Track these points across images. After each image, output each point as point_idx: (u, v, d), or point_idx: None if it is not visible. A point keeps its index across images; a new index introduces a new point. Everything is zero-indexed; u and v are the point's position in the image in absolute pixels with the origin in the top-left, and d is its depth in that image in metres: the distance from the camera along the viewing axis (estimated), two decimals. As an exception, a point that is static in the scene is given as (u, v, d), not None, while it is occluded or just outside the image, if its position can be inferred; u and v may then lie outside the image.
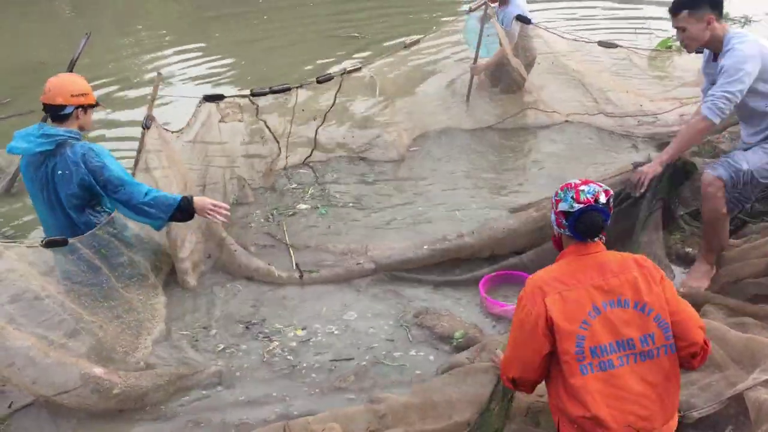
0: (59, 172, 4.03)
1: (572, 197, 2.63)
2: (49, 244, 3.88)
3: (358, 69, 5.89)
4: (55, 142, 4.00)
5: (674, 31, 4.03)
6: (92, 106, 4.17)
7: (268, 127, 5.59)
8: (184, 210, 4.11)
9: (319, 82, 5.55)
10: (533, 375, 2.61)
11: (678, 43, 8.26)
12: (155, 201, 4.06)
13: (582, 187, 2.65)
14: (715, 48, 3.86)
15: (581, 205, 2.61)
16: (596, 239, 2.67)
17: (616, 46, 6.62)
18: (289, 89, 5.43)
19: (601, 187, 2.67)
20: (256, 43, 10.35)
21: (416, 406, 3.34)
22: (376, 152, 6.46)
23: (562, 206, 2.66)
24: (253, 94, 5.28)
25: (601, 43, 6.59)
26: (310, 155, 6.23)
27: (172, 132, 4.84)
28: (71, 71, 6.00)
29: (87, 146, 4.08)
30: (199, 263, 4.82)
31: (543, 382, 2.69)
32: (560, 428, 2.62)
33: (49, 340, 3.74)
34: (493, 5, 6.91)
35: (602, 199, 2.63)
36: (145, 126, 4.54)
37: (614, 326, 2.50)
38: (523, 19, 6.71)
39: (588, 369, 2.47)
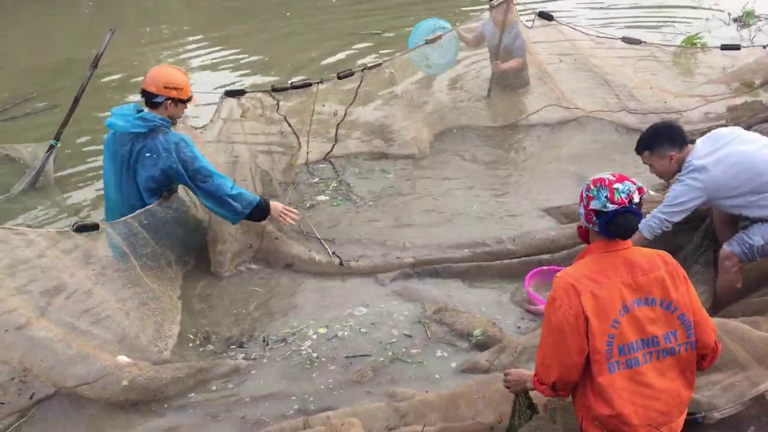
0: (147, 154, 4.31)
1: (606, 197, 2.52)
2: (80, 229, 3.98)
3: (379, 65, 5.90)
4: (148, 127, 4.30)
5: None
6: (183, 100, 4.45)
7: (288, 122, 5.61)
8: (262, 209, 4.49)
9: (339, 78, 5.58)
10: (575, 376, 2.54)
11: (704, 40, 8.24)
12: (240, 195, 4.44)
13: (616, 185, 2.53)
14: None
15: (616, 206, 2.51)
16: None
17: (639, 42, 6.52)
18: (309, 85, 5.47)
19: (635, 184, 2.56)
20: (278, 40, 10.37)
21: (438, 406, 3.33)
22: (396, 148, 6.44)
23: (595, 204, 2.55)
24: (274, 90, 5.32)
25: (624, 39, 6.50)
26: (331, 151, 6.25)
27: (196, 128, 4.89)
28: (96, 67, 6.11)
29: (179, 136, 4.41)
30: (240, 253, 4.85)
31: None
32: (583, 425, 2.60)
33: (74, 326, 3.80)
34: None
35: (636, 198, 2.54)
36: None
37: (641, 324, 2.48)
38: (545, 16, 6.64)
39: (615, 367, 2.46)
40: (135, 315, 4.02)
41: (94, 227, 4.04)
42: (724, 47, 6.42)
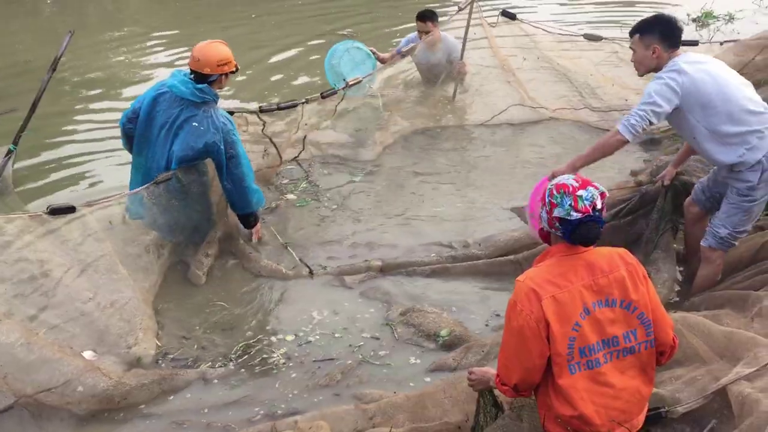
0: (194, 124, 4.45)
1: (570, 204, 2.49)
2: (54, 212, 3.85)
3: (359, 81, 5.95)
4: (203, 99, 4.46)
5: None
6: (233, 71, 4.59)
7: (273, 143, 5.65)
8: (256, 219, 4.93)
9: (323, 97, 5.68)
10: (536, 378, 2.55)
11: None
12: (257, 192, 4.81)
13: (580, 192, 2.50)
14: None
15: (579, 215, 2.48)
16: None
17: (601, 39, 6.60)
18: (296, 105, 5.54)
19: (598, 189, 2.54)
20: (245, 44, 10.26)
21: (405, 407, 3.33)
22: (363, 152, 6.44)
23: (558, 212, 2.51)
24: (261, 111, 5.36)
25: (586, 36, 6.57)
26: (299, 156, 6.20)
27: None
28: (54, 69, 5.95)
29: (227, 117, 4.63)
30: (214, 267, 4.86)
31: None
32: (545, 424, 2.61)
33: (41, 321, 3.69)
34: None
35: (599, 204, 2.52)
36: None
37: (601, 325, 2.49)
38: (508, 15, 6.66)
39: (576, 368, 2.47)
40: (108, 309, 3.93)
41: (70, 210, 3.90)
42: (683, 43, 6.50)
